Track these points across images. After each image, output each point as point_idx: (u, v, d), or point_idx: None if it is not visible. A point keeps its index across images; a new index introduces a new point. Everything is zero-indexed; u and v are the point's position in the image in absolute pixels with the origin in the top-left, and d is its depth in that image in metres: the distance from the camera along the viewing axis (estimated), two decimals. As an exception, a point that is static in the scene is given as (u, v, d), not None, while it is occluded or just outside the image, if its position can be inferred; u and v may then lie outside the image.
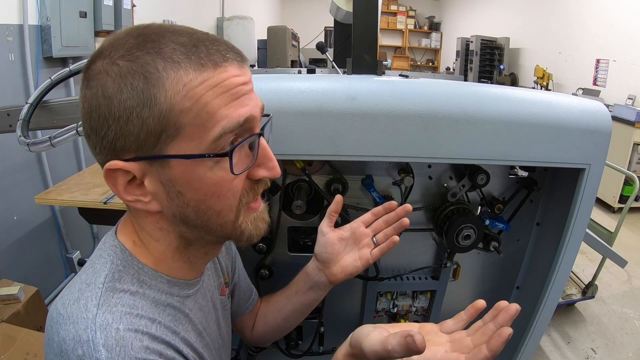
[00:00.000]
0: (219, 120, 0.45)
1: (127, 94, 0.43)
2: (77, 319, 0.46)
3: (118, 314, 0.47)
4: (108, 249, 0.53)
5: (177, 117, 0.44)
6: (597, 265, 2.46)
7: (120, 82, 0.43)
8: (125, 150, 0.46)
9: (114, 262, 0.52)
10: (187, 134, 0.45)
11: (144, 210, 0.50)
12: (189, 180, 0.47)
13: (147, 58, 0.43)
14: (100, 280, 0.49)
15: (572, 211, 0.83)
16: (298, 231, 1.01)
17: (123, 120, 0.44)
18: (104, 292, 0.48)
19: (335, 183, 0.90)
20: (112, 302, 0.48)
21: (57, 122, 1.37)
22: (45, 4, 2.18)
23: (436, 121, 0.72)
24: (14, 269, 2.07)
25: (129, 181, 0.48)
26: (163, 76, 0.43)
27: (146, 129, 0.44)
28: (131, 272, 0.52)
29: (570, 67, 5.67)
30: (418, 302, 1.09)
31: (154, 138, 0.45)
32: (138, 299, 0.50)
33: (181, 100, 0.44)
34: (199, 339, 0.59)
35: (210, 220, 0.51)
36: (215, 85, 0.45)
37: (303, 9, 9.81)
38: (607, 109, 0.81)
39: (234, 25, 5.11)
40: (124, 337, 0.45)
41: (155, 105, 0.44)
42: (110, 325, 0.46)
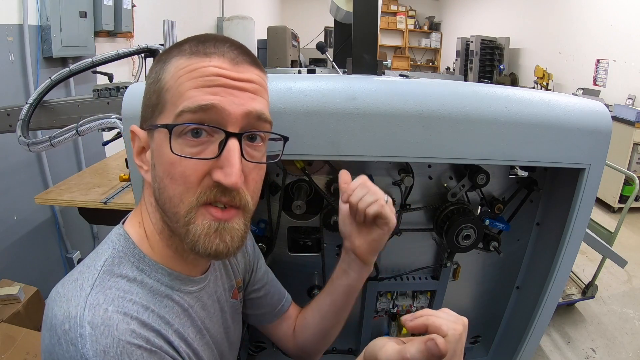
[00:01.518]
0: (184, 99, 0.49)
1: (151, 74, 0.54)
2: (71, 297, 0.47)
3: (111, 296, 0.48)
4: (113, 236, 0.56)
5: (165, 94, 0.51)
6: (597, 265, 2.46)
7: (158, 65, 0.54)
8: (143, 120, 0.56)
9: (116, 247, 0.54)
10: (166, 109, 0.51)
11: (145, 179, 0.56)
12: (158, 154, 0.51)
13: (173, 49, 0.53)
14: (99, 264, 0.51)
15: (572, 211, 0.83)
16: (298, 231, 1.01)
17: (145, 95, 0.55)
18: (100, 274, 0.50)
19: (335, 183, 0.91)
20: (107, 284, 0.49)
21: (57, 122, 1.37)
22: (45, 4, 2.18)
23: (436, 121, 0.72)
24: (14, 269, 2.07)
25: (142, 148, 0.55)
26: (170, 62, 0.52)
27: (149, 102, 0.53)
28: (132, 259, 0.53)
29: (570, 67, 5.67)
30: (418, 302, 1.09)
31: (151, 110, 0.53)
32: (135, 286, 0.51)
33: (169, 80, 0.51)
34: (198, 336, 0.58)
35: (165, 204, 0.51)
36: (194, 70, 0.49)
37: (303, 9, 9.81)
38: (607, 109, 0.81)
39: (234, 25, 5.11)
40: (111, 318, 0.46)
41: (158, 83, 0.52)
42: (99, 305, 0.46)
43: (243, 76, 0.51)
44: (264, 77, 0.56)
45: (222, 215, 0.50)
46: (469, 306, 1.14)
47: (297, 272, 1.05)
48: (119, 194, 1.78)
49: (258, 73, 0.54)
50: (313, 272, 1.05)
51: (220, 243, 0.50)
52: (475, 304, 1.14)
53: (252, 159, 0.52)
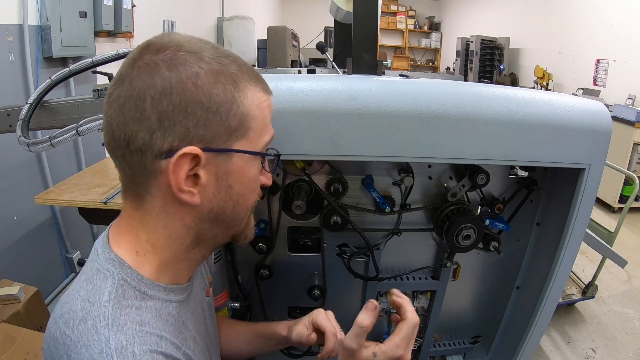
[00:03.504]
0: (268, 131, 0.56)
1: (220, 90, 0.49)
2: (89, 341, 0.45)
3: (130, 333, 0.47)
4: (105, 263, 0.52)
5: (249, 121, 0.52)
6: (597, 265, 2.46)
7: (213, 77, 0.49)
8: (199, 139, 0.49)
9: (114, 276, 0.50)
10: (250, 136, 0.53)
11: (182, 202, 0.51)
12: (242, 174, 0.54)
13: (232, 69, 0.51)
14: (104, 298, 0.48)
15: (572, 211, 0.83)
16: (298, 231, 1.01)
17: (211, 111, 0.48)
18: (111, 311, 0.47)
19: (335, 183, 0.90)
20: (121, 320, 0.47)
21: (57, 122, 1.37)
22: (45, 4, 2.18)
23: (436, 121, 0.72)
24: (14, 269, 2.07)
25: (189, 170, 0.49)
26: (246, 87, 0.52)
27: (227, 124, 0.50)
28: (132, 284, 0.51)
29: (570, 67, 5.67)
30: (418, 302, 1.09)
31: (229, 133, 0.51)
32: (143, 313, 0.50)
33: (254, 109, 0.52)
34: (194, 346, 0.59)
35: (239, 215, 0.58)
36: (269, 106, 0.56)
37: (303, 9, 9.81)
38: (607, 109, 0.81)
39: (234, 25, 5.11)
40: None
41: (239, 106, 0.51)
42: (125, 348, 0.45)
43: None
44: None
45: None
46: (469, 306, 1.14)
47: (297, 272, 1.05)
48: (119, 194, 1.78)
49: None
50: (313, 272, 1.05)
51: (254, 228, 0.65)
52: (475, 304, 1.14)
53: None
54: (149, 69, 0.47)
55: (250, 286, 1.05)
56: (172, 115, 0.47)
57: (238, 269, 0.99)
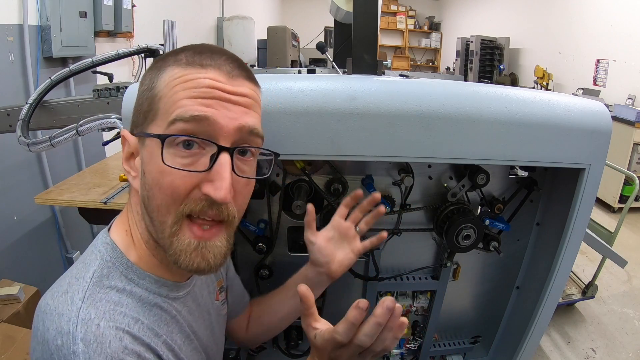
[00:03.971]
0: (177, 108, 0.48)
1: (145, 81, 0.53)
2: (62, 310, 0.47)
3: (102, 309, 0.48)
4: (99, 245, 0.55)
5: (157, 102, 0.50)
6: (597, 265, 2.46)
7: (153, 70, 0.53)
8: (133, 125, 0.54)
9: (104, 258, 0.53)
10: (159, 117, 0.50)
11: (132, 186, 0.55)
12: (149, 161, 0.50)
13: (169, 57, 0.52)
14: (88, 275, 0.51)
15: (572, 211, 0.83)
16: (298, 231, 1.00)
17: (137, 101, 0.54)
18: (90, 287, 0.49)
19: (335, 183, 0.90)
20: (98, 297, 0.49)
21: (57, 122, 1.37)
22: (45, 4, 2.18)
23: (436, 121, 0.72)
24: (14, 269, 2.07)
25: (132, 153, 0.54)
26: (165, 70, 0.51)
27: (141, 109, 0.53)
28: (120, 268, 0.53)
29: (570, 67, 5.67)
30: (418, 302, 1.09)
31: (143, 117, 0.52)
32: (124, 297, 0.51)
33: (163, 88, 0.50)
34: (186, 342, 0.59)
35: (153, 213, 0.51)
36: (188, 81, 0.49)
37: (303, 9, 9.81)
38: (607, 109, 0.81)
39: (234, 25, 5.11)
40: (104, 334, 0.46)
41: (151, 90, 0.51)
42: (91, 320, 0.46)
43: (238, 90, 0.51)
44: (258, 92, 0.56)
45: (203, 234, 0.51)
46: (469, 306, 1.14)
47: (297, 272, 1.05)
48: (119, 194, 1.78)
49: (252, 87, 0.54)
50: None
51: (201, 261, 0.50)
52: (475, 304, 1.14)
53: (242, 173, 0.52)
54: None
55: (250, 286, 1.05)
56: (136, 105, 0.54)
57: (238, 269, 0.99)
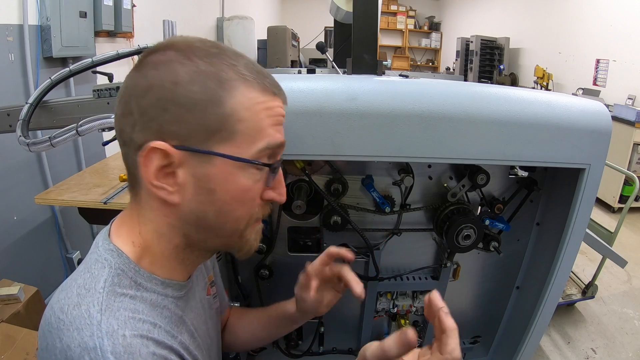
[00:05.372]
0: (266, 136, 0.52)
1: (198, 87, 0.48)
2: (81, 325, 0.45)
3: (122, 319, 0.47)
4: (104, 252, 0.53)
5: (235, 123, 0.49)
6: (597, 265, 2.46)
7: (194, 75, 0.48)
8: (173, 136, 0.49)
9: (112, 265, 0.51)
10: (238, 140, 0.50)
11: (162, 200, 0.51)
12: (225, 180, 0.51)
13: (223, 66, 0.49)
14: (100, 285, 0.49)
15: (572, 211, 0.83)
16: (298, 231, 1.00)
17: (185, 108, 0.48)
18: (105, 297, 0.48)
19: (335, 183, 0.91)
20: (115, 306, 0.48)
21: (57, 122, 1.37)
22: (45, 4, 2.18)
23: (436, 121, 0.72)
24: (14, 269, 2.07)
25: (162, 166, 0.49)
26: (234, 86, 0.49)
27: (204, 124, 0.48)
28: (129, 274, 0.52)
29: (570, 67, 5.67)
30: (418, 302, 1.09)
31: (208, 134, 0.49)
32: (138, 303, 0.50)
33: (242, 110, 0.50)
34: (192, 341, 0.59)
35: (226, 225, 0.54)
36: (270, 109, 0.52)
37: (303, 9, 9.81)
38: (607, 109, 0.81)
39: (234, 25, 5.11)
40: (132, 344, 0.46)
41: (220, 106, 0.48)
42: (116, 332, 0.45)
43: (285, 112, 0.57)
44: None
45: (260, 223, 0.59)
46: (469, 306, 1.14)
47: (297, 272, 1.05)
48: (119, 194, 1.78)
49: None
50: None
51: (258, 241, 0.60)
52: (475, 304, 1.14)
53: None
54: (139, 69, 0.50)
55: (250, 286, 1.05)
56: (149, 111, 0.48)
57: (238, 269, 0.99)
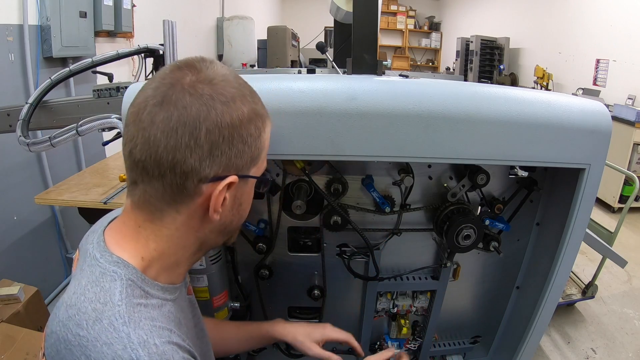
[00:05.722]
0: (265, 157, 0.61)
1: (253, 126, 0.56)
2: (110, 339, 0.46)
3: (147, 328, 0.48)
4: (109, 265, 0.53)
5: (262, 151, 0.59)
6: (597, 265, 2.46)
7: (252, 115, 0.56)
8: (237, 168, 0.55)
9: (122, 277, 0.51)
10: (259, 163, 0.60)
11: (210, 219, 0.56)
12: (249, 194, 0.62)
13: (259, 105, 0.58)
14: (116, 297, 0.49)
15: (572, 211, 0.83)
16: (298, 231, 1.01)
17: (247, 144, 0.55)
18: (125, 309, 0.48)
19: (335, 183, 0.91)
20: (136, 317, 0.49)
21: (57, 122, 1.37)
22: (45, 4, 2.18)
23: (436, 121, 0.72)
24: (14, 269, 2.07)
25: None
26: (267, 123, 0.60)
27: (251, 154, 0.57)
28: (138, 284, 0.52)
29: (570, 67, 5.67)
30: (418, 302, 1.09)
31: (250, 161, 0.57)
32: (151, 310, 0.52)
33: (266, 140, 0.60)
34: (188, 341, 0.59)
35: (239, 225, 0.64)
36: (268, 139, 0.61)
37: (303, 9, 9.81)
38: (607, 109, 0.81)
39: (234, 25, 5.11)
40: (165, 352, 0.48)
41: (260, 140, 0.57)
42: (147, 342, 0.47)
43: None
44: None
45: None
46: (469, 306, 1.14)
47: (297, 272, 1.05)
48: (119, 194, 1.78)
49: None
50: (313, 272, 1.05)
51: None
52: (475, 304, 1.14)
53: None
54: (203, 99, 0.50)
55: (250, 286, 1.05)
56: (221, 146, 0.52)
57: (238, 269, 0.99)
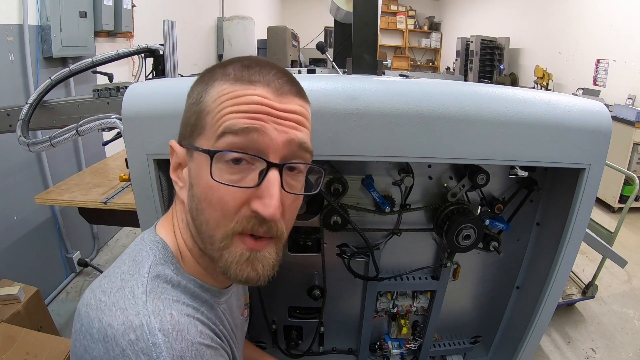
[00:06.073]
0: (225, 121, 0.48)
1: (193, 93, 0.54)
2: (126, 305, 0.46)
3: (167, 301, 0.48)
4: (149, 243, 0.54)
5: (205, 117, 0.51)
6: (597, 265, 2.46)
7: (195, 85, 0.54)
8: (181, 137, 0.55)
9: (156, 255, 0.53)
10: (206, 132, 0.50)
11: (179, 195, 0.56)
12: (197, 174, 0.51)
13: (217, 71, 0.52)
14: (144, 270, 0.50)
15: (572, 211, 0.83)
16: (298, 231, 1.01)
17: (185, 113, 0.55)
18: (149, 281, 0.49)
19: (335, 183, 0.91)
20: (159, 290, 0.48)
21: (57, 122, 1.37)
22: (45, 4, 2.18)
23: (436, 121, 0.72)
24: (14, 269, 2.07)
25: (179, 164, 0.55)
26: (213, 85, 0.51)
27: (188, 122, 0.53)
28: (171, 267, 0.53)
29: (570, 67, 5.67)
30: (418, 302, 1.09)
31: (190, 130, 0.52)
32: (179, 292, 0.51)
33: (211, 104, 0.50)
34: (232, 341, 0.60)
35: (201, 226, 0.51)
36: (237, 97, 0.49)
37: (303, 9, 9.81)
38: (607, 109, 0.81)
39: (234, 25, 5.11)
40: (180, 322, 0.46)
41: (199, 104, 0.52)
42: (163, 311, 0.46)
43: (286, 107, 0.50)
44: (307, 108, 0.55)
45: (254, 245, 0.50)
46: (469, 306, 1.14)
47: (297, 272, 1.05)
48: (119, 194, 1.78)
49: (301, 103, 0.53)
50: (313, 272, 1.05)
51: (251, 271, 0.50)
52: (475, 304, 1.14)
53: (291, 189, 0.52)
54: None
55: (250, 286, 1.05)
56: None
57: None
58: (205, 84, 0.52)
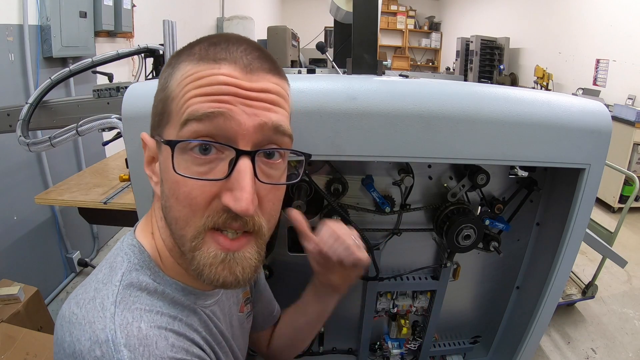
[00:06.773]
0: (188, 106, 0.43)
1: (160, 80, 0.48)
2: (94, 318, 0.43)
3: (137, 312, 0.45)
4: (126, 247, 0.51)
5: (170, 104, 0.46)
6: (597, 265, 2.46)
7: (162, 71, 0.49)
8: (152, 127, 0.50)
9: (131, 260, 0.50)
10: (172, 120, 0.45)
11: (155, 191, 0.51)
12: (165, 168, 0.46)
13: (183, 52, 0.47)
14: (116, 279, 0.47)
15: (572, 211, 0.83)
16: (298, 231, 1.00)
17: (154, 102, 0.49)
18: (120, 290, 0.46)
19: (335, 183, 0.90)
20: (130, 300, 0.45)
21: (57, 122, 1.37)
22: (45, 4, 2.18)
23: (436, 121, 0.72)
24: (14, 269, 2.07)
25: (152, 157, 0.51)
26: (178, 67, 0.46)
27: (156, 110, 0.48)
28: (148, 272, 0.50)
29: (570, 67, 5.67)
30: (418, 302, 1.09)
31: (158, 120, 0.48)
32: (156, 299, 0.48)
33: (175, 88, 0.45)
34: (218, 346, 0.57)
35: (172, 225, 0.47)
36: (200, 78, 0.44)
37: (303, 9, 9.81)
38: (607, 109, 0.81)
39: (234, 25, 5.11)
40: (148, 336, 0.43)
41: (164, 90, 0.47)
42: (130, 324, 0.43)
43: (257, 85, 0.44)
44: (284, 85, 0.49)
45: (230, 245, 0.45)
46: (469, 306, 1.14)
47: (297, 272, 1.05)
48: (119, 194, 1.78)
49: (276, 81, 0.47)
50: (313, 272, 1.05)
51: (228, 275, 0.45)
52: (475, 304, 1.14)
53: (268, 179, 0.46)
54: None
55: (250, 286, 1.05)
56: None
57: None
58: (172, 67, 0.46)
